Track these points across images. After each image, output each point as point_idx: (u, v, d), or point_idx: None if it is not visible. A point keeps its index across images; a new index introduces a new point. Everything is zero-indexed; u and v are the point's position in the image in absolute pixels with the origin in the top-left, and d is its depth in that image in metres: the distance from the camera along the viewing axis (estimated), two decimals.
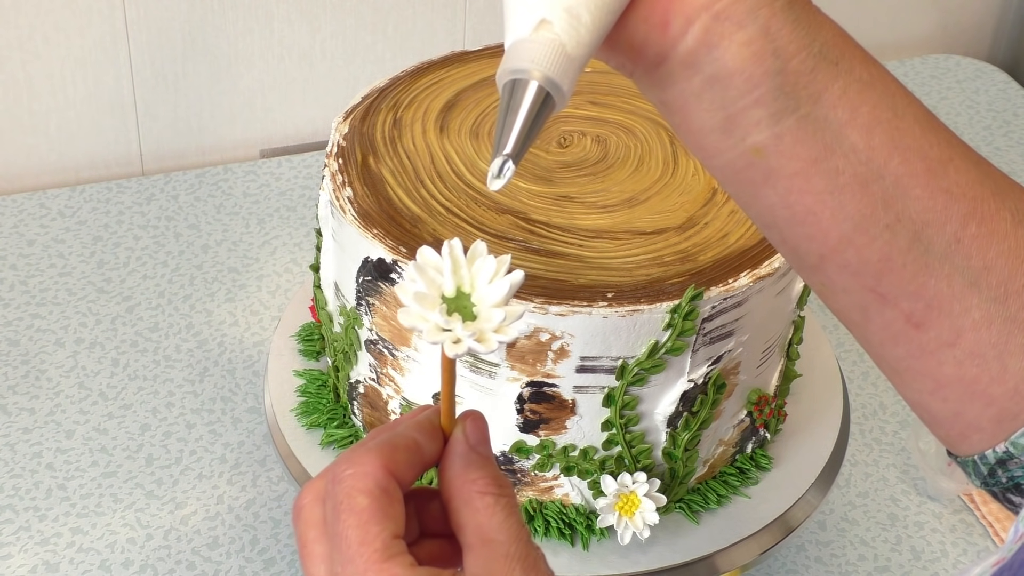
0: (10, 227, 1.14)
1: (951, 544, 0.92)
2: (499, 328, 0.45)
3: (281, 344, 0.88)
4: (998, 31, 1.55)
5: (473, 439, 0.50)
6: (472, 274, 0.46)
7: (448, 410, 0.50)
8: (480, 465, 0.49)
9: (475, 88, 0.86)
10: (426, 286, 0.46)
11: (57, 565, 0.87)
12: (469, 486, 0.48)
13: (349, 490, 0.47)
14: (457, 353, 0.45)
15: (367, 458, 0.47)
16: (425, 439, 0.49)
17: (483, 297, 0.46)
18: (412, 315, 0.46)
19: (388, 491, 0.47)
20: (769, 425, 0.81)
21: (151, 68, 1.19)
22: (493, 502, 0.48)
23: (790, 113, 0.46)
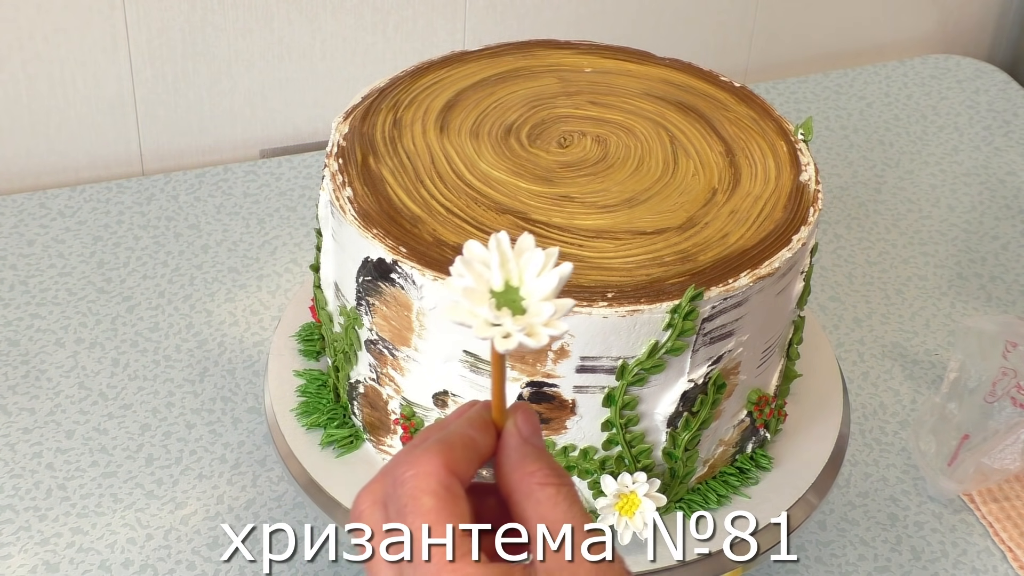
0: (10, 227, 1.14)
1: (951, 544, 0.92)
2: (549, 322, 0.45)
3: (281, 344, 0.88)
4: (998, 31, 1.55)
5: (525, 431, 0.50)
6: (520, 267, 0.46)
7: (499, 404, 0.49)
8: (536, 457, 0.49)
9: (475, 88, 0.86)
10: (474, 280, 0.45)
11: (57, 565, 0.87)
12: (528, 479, 0.48)
13: (413, 491, 0.47)
14: (507, 348, 0.45)
15: (426, 458, 0.47)
16: (479, 434, 0.49)
17: (532, 291, 0.45)
18: (461, 311, 0.45)
19: (451, 489, 0.47)
20: (769, 425, 0.81)
21: (151, 68, 1.19)
22: (554, 492, 0.48)
23: None
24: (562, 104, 0.86)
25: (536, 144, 0.82)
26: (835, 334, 1.09)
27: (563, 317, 0.45)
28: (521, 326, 0.45)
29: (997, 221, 1.24)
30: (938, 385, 1.01)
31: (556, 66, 0.90)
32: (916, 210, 1.25)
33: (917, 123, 1.38)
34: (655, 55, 0.92)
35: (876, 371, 1.06)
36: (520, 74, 0.88)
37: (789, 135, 0.85)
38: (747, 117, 0.86)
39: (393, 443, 0.79)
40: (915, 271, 1.17)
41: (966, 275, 1.17)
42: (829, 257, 1.18)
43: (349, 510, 0.77)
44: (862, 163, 1.31)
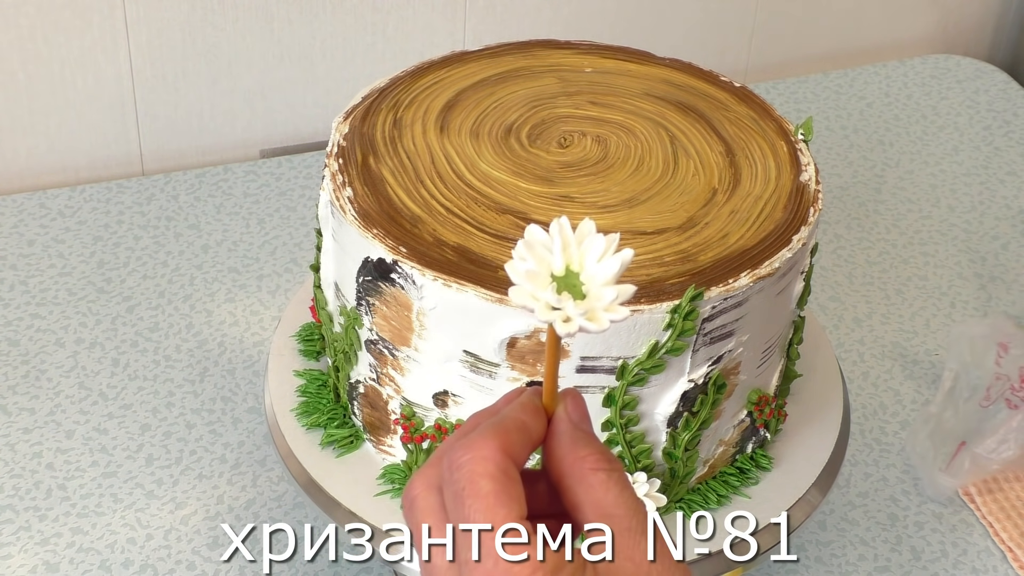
0: (10, 227, 1.14)
1: (951, 544, 0.92)
2: (610, 307, 0.45)
3: (281, 344, 0.88)
4: (998, 31, 1.55)
5: (575, 417, 0.50)
6: (581, 253, 0.46)
7: (551, 389, 0.49)
8: (587, 442, 0.49)
9: (475, 88, 0.86)
10: (536, 264, 0.45)
11: (57, 565, 0.87)
12: (580, 463, 0.48)
13: (471, 475, 0.46)
14: (568, 332, 0.45)
15: (483, 442, 0.47)
16: (531, 419, 0.49)
17: (592, 276, 0.45)
18: (523, 294, 0.45)
19: (509, 473, 0.47)
20: (769, 425, 0.81)
21: (151, 68, 1.19)
22: (606, 477, 0.48)
23: None
24: (562, 104, 0.86)
25: (536, 144, 0.82)
26: (835, 334, 1.09)
27: (624, 303, 0.45)
28: (582, 310, 0.45)
29: (997, 221, 1.24)
30: (938, 385, 1.01)
31: (556, 66, 0.90)
32: (916, 210, 1.25)
33: (917, 123, 1.38)
34: (655, 55, 0.92)
35: (876, 371, 1.06)
36: (520, 74, 0.88)
37: (789, 135, 0.85)
38: (747, 117, 0.86)
39: (393, 443, 0.79)
40: (915, 271, 1.17)
41: (966, 275, 1.17)
42: (829, 257, 1.18)
43: (350, 510, 0.77)
44: (862, 163, 1.31)
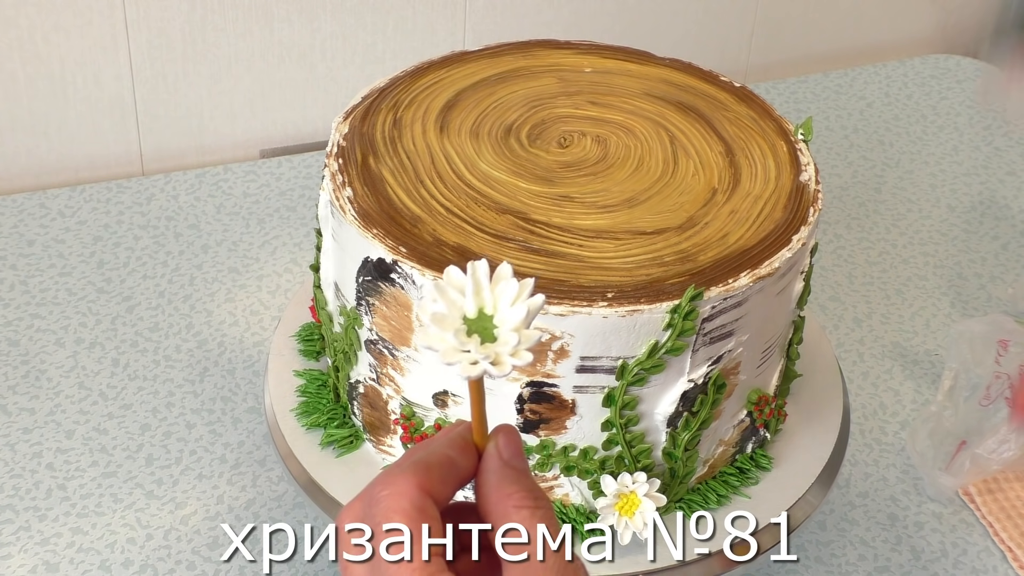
0: (10, 227, 1.14)
1: (951, 544, 0.92)
2: (515, 351, 0.45)
3: (281, 344, 0.88)
4: (998, 31, 1.55)
5: (507, 454, 0.50)
6: (495, 296, 0.46)
7: (479, 426, 0.50)
8: (514, 479, 0.49)
9: (475, 88, 0.86)
10: (446, 307, 0.46)
11: (57, 565, 0.87)
12: (505, 500, 0.49)
13: (385, 510, 0.47)
14: (470, 375, 0.46)
15: (402, 478, 0.48)
16: (459, 455, 0.50)
17: (504, 319, 0.46)
18: (430, 336, 0.46)
19: (424, 510, 0.48)
20: (769, 425, 0.81)
21: (151, 68, 1.19)
22: (529, 515, 0.48)
23: None
24: (562, 104, 0.86)
25: (536, 144, 0.82)
26: (835, 334, 1.09)
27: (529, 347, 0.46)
28: (487, 354, 0.45)
29: (997, 221, 1.24)
30: (938, 385, 1.01)
31: (556, 66, 0.90)
32: (916, 210, 1.25)
33: (917, 123, 1.38)
34: (655, 55, 0.92)
35: (876, 371, 1.06)
36: (520, 74, 0.88)
37: (789, 135, 0.85)
38: (747, 117, 0.86)
39: (393, 443, 0.79)
40: (915, 271, 1.17)
41: (966, 275, 1.17)
42: (829, 257, 1.18)
43: None
44: (862, 163, 1.31)
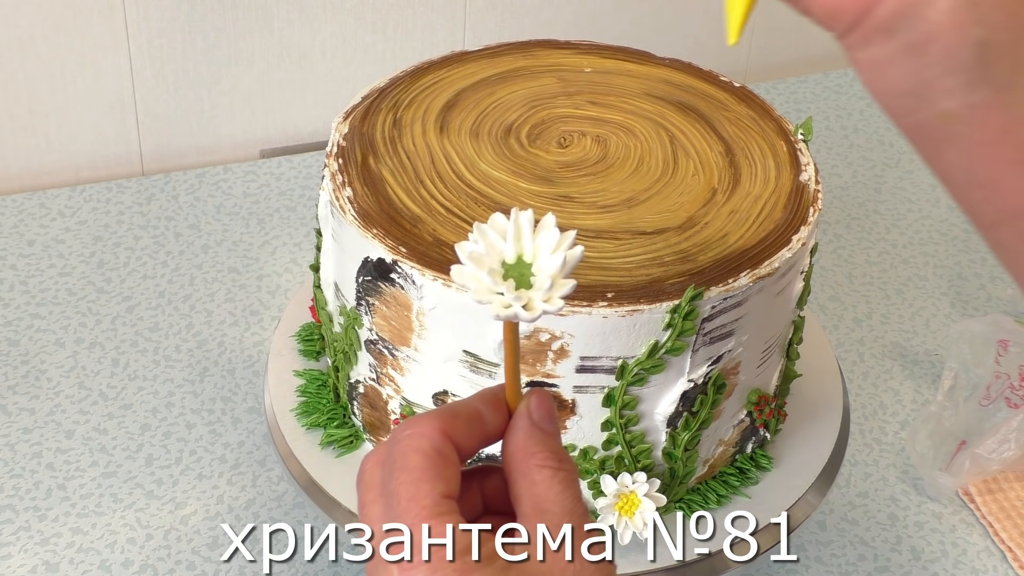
0: (10, 227, 1.14)
1: (951, 544, 0.92)
2: (548, 297, 0.46)
3: (281, 344, 0.88)
4: None
5: (537, 415, 0.50)
6: (536, 245, 0.47)
7: (512, 384, 0.50)
8: (541, 440, 0.49)
9: (475, 88, 0.86)
10: (485, 248, 0.46)
11: (57, 565, 0.87)
12: (529, 459, 0.49)
13: (404, 449, 0.47)
14: (500, 315, 0.46)
15: (425, 420, 0.48)
16: (488, 410, 0.50)
17: (542, 267, 0.46)
18: (464, 273, 0.46)
19: (443, 452, 0.47)
20: (769, 425, 0.81)
21: (151, 68, 1.19)
22: (551, 475, 0.48)
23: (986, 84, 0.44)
24: (562, 104, 0.86)
25: (536, 144, 0.82)
26: (835, 334, 1.09)
27: (562, 295, 0.46)
28: (519, 297, 0.45)
29: None
30: (938, 385, 1.01)
31: (556, 66, 0.90)
32: (916, 210, 1.25)
33: None
34: (655, 55, 0.92)
35: (876, 371, 1.06)
36: (520, 74, 0.88)
37: (789, 135, 0.85)
38: (747, 117, 0.86)
39: None
40: (915, 271, 1.17)
41: (966, 275, 1.17)
42: (829, 257, 1.18)
43: (350, 510, 0.77)
44: (862, 163, 1.31)
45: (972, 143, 0.46)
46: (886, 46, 0.45)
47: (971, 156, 0.46)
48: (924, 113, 0.46)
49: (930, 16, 0.43)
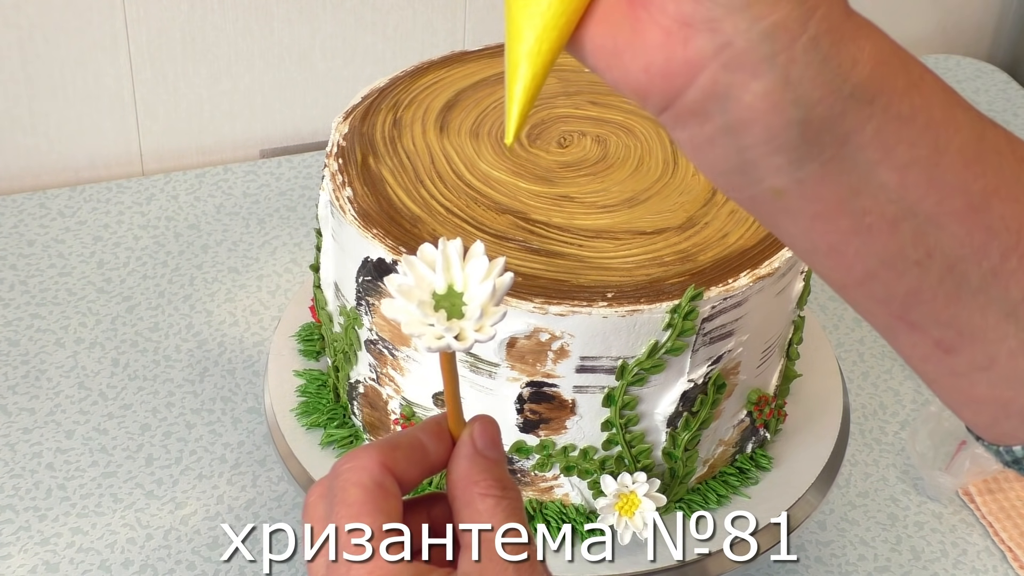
0: (10, 227, 1.14)
1: (951, 544, 0.92)
2: (480, 327, 0.46)
3: (281, 344, 0.88)
4: (998, 31, 1.55)
5: (481, 442, 0.50)
6: (466, 274, 0.47)
7: (453, 412, 0.50)
8: (484, 468, 0.49)
9: (475, 88, 0.86)
10: (415, 281, 0.46)
11: (57, 565, 0.87)
12: (472, 487, 0.48)
13: (344, 483, 0.47)
14: (432, 347, 0.46)
15: (364, 453, 0.48)
16: (430, 440, 0.50)
17: (473, 296, 0.46)
18: (395, 307, 0.46)
19: (383, 485, 0.47)
20: (769, 425, 0.81)
21: (151, 68, 1.19)
22: (494, 504, 0.48)
23: (812, 159, 0.42)
24: (562, 104, 0.86)
25: (536, 144, 0.82)
26: (835, 334, 1.09)
27: (493, 323, 0.46)
28: (450, 327, 0.46)
29: None
30: None
31: (556, 66, 0.89)
32: None
33: None
34: None
35: (876, 371, 1.06)
36: None
37: None
38: None
39: None
40: None
41: None
42: None
43: None
44: None
45: (808, 216, 0.44)
46: (702, 128, 0.43)
47: (809, 228, 0.45)
48: (754, 189, 0.44)
49: (744, 99, 0.41)
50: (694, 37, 0.40)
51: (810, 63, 0.41)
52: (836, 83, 0.41)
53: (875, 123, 0.42)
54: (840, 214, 0.44)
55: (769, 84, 0.41)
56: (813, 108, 0.41)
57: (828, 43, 0.41)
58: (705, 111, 0.42)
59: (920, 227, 0.43)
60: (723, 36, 0.40)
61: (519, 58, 0.42)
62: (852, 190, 0.43)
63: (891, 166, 0.42)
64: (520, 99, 0.43)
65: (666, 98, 0.42)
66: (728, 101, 0.41)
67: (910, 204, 0.43)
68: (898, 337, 0.48)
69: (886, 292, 0.45)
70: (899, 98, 0.42)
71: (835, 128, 0.42)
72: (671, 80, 0.41)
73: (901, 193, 0.43)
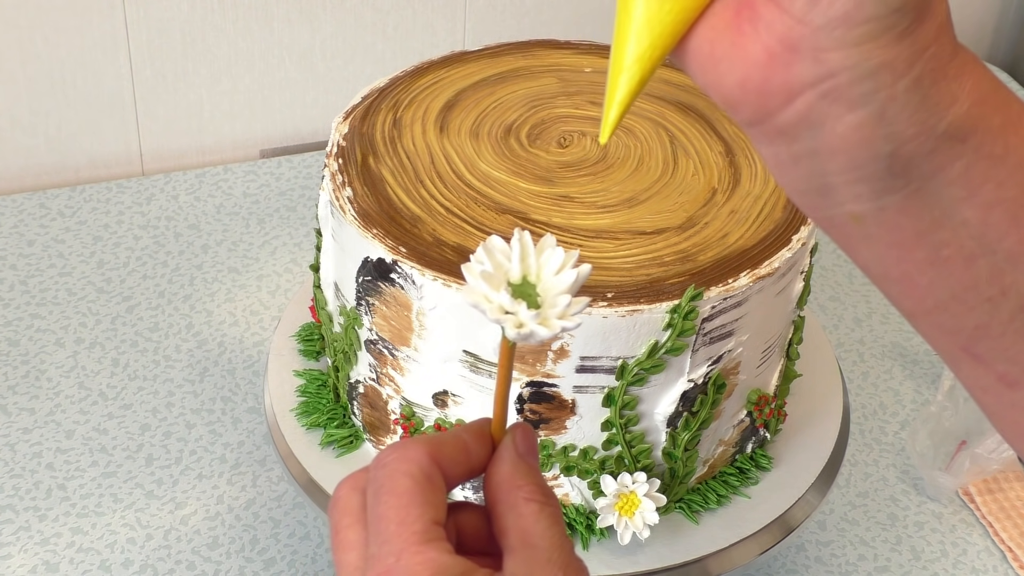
0: (10, 227, 1.14)
1: (951, 544, 0.92)
2: (563, 314, 0.45)
3: (281, 344, 0.88)
4: (998, 31, 1.55)
5: (522, 448, 0.50)
6: (539, 264, 0.46)
7: (500, 415, 0.50)
8: (527, 472, 0.49)
9: (475, 88, 0.86)
10: (493, 268, 0.46)
11: (57, 565, 0.87)
12: (516, 491, 0.48)
13: (392, 472, 0.47)
14: (519, 335, 0.45)
15: (413, 445, 0.47)
16: (473, 441, 0.49)
17: (549, 287, 0.46)
18: (476, 293, 0.46)
19: (431, 478, 0.47)
20: (769, 425, 0.81)
21: (151, 68, 1.19)
22: (538, 509, 0.48)
23: (896, 191, 0.42)
24: (562, 104, 0.86)
25: (536, 144, 0.82)
26: (835, 334, 1.09)
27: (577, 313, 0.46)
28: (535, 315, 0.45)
29: None
30: (938, 385, 1.01)
31: (556, 66, 0.90)
32: None
33: None
34: None
35: (876, 371, 1.06)
36: (520, 74, 0.88)
37: None
38: None
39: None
40: None
41: None
42: (829, 257, 1.18)
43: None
44: None
45: (885, 243, 0.44)
46: (789, 148, 0.42)
47: (884, 255, 0.45)
48: (833, 212, 0.44)
49: (836, 130, 0.41)
50: (797, 63, 0.40)
51: (909, 101, 0.40)
52: (932, 121, 0.41)
53: (965, 161, 0.41)
54: (917, 245, 0.43)
55: (864, 118, 0.40)
56: (904, 144, 0.41)
57: (930, 82, 0.40)
58: (795, 133, 0.41)
59: (997, 264, 0.43)
60: (827, 67, 0.39)
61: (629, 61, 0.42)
62: (933, 223, 0.42)
63: (975, 204, 0.42)
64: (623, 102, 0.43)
65: (758, 115, 0.42)
66: (820, 128, 0.41)
67: (990, 242, 0.43)
68: (961, 368, 0.47)
69: (955, 324, 0.45)
70: (993, 137, 0.42)
71: (923, 164, 0.41)
72: (766, 99, 0.41)
73: (982, 230, 0.42)
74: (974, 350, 0.46)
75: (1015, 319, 0.44)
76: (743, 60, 0.40)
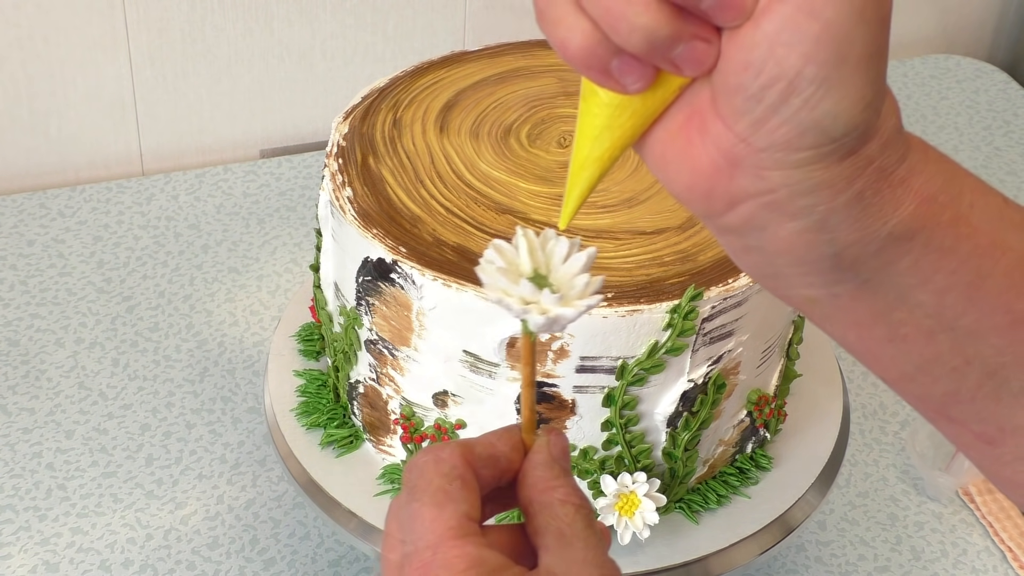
0: (10, 227, 1.14)
1: (951, 544, 0.92)
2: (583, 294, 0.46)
3: (281, 344, 0.88)
4: (998, 31, 1.55)
5: (556, 451, 0.50)
6: (547, 256, 0.47)
7: (529, 418, 0.50)
8: (562, 474, 0.49)
9: (475, 88, 0.86)
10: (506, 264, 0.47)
11: (57, 565, 0.87)
12: (551, 492, 0.49)
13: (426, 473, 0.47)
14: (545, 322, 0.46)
15: (445, 448, 0.48)
16: (504, 446, 0.50)
17: (561, 274, 0.47)
18: (496, 290, 0.46)
19: (464, 477, 0.48)
20: (769, 425, 0.81)
21: (151, 68, 1.19)
22: (574, 511, 0.48)
23: (846, 283, 0.43)
24: (562, 104, 0.86)
25: (536, 144, 0.82)
26: None
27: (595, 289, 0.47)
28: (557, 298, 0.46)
29: None
30: None
31: (556, 66, 0.90)
32: None
33: (917, 123, 1.37)
34: None
35: None
36: (520, 74, 0.88)
37: None
38: None
39: (393, 443, 0.79)
40: None
41: None
42: None
43: (350, 510, 0.77)
44: None
45: (843, 323, 0.45)
46: (739, 241, 0.43)
47: (845, 332, 0.45)
48: (788, 293, 0.45)
49: (779, 234, 0.42)
50: (740, 176, 0.41)
51: (849, 214, 0.41)
52: (875, 227, 0.41)
53: (913, 256, 0.42)
54: (875, 324, 0.44)
55: (805, 226, 0.41)
56: (847, 248, 0.42)
57: (872, 192, 0.41)
58: (741, 232, 0.43)
59: (958, 339, 0.43)
60: (768, 184, 0.40)
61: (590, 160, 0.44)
62: (888, 305, 0.43)
63: (928, 290, 0.42)
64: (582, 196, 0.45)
65: (705, 214, 0.43)
66: (763, 231, 0.42)
67: (948, 320, 0.43)
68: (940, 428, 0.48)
69: (924, 392, 0.46)
70: (943, 231, 0.42)
71: (870, 261, 0.42)
72: (711, 203, 0.42)
73: (938, 311, 0.43)
74: (948, 413, 0.46)
75: (983, 385, 0.45)
76: (690, 167, 0.42)
